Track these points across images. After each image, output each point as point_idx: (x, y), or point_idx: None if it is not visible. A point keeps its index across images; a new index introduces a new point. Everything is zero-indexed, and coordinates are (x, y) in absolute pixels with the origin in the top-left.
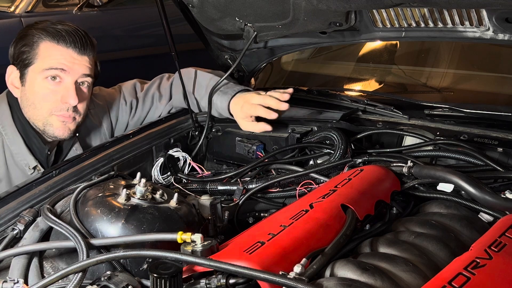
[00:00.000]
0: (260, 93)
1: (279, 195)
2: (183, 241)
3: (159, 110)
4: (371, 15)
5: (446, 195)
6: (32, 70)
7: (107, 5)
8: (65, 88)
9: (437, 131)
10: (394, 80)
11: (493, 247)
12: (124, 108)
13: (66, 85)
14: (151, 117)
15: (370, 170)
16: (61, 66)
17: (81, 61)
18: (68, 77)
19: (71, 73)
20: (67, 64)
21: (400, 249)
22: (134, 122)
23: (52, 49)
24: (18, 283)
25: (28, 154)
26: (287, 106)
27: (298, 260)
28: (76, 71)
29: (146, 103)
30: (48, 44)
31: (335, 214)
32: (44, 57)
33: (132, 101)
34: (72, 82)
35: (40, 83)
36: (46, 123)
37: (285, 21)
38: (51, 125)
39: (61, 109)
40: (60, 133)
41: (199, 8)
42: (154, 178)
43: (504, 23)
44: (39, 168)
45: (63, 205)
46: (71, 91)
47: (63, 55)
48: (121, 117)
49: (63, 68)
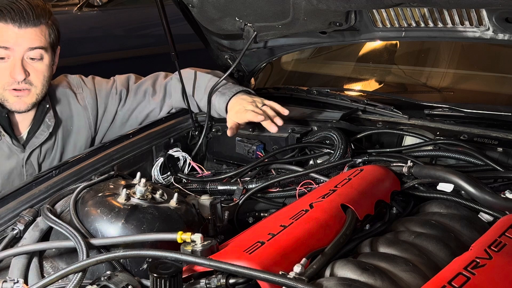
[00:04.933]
0: (258, 102)
1: (279, 195)
2: (183, 241)
3: (150, 106)
4: (371, 15)
5: (446, 195)
6: None
7: (107, 5)
8: (11, 64)
9: (437, 131)
10: (394, 80)
11: (493, 247)
12: (114, 97)
13: (12, 61)
14: (141, 112)
15: (370, 170)
16: (3, 44)
17: (25, 34)
18: (12, 54)
19: (15, 49)
20: (8, 41)
21: (400, 249)
22: (123, 113)
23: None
24: (18, 283)
25: None
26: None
27: (298, 260)
28: (21, 45)
29: (138, 96)
30: None
31: (335, 214)
32: None
33: (122, 91)
34: (19, 58)
35: None
36: (2, 99)
37: (285, 21)
38: (7, 101)
39: (12, 83)
40: (17, 106)
41: (199, 8)
42: (154, 178)
43: (504, 23)
44: (3, 133)
45: (63, 205)
46: (17, 67)
47: (4, 31)
48: (110, 105)
49: (6, 46)
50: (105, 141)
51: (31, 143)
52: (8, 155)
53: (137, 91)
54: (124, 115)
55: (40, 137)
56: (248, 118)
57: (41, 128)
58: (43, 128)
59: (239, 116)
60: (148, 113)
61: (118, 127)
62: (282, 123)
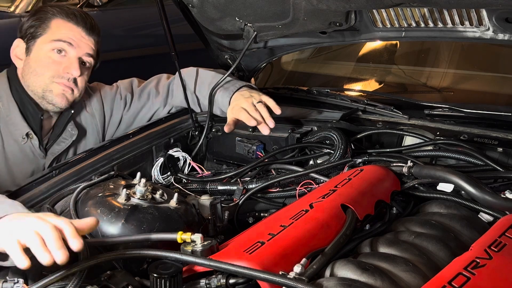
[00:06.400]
0: (254, 98)
1: (279, 195)
2: (183, 241)
3: (154, 107)
4: (371, 15)
5: (446, 195)
6: (40, 41)
7: (107, 5)
8: (68, 60)
9: (437, 131)
10: (394, 80)
11: (493, 247)
12: (119, 102)
13: (70, 58)
14: (146, 114)
15: (370, 170)
16: (69, 40)
17: (88, 41)
18: (73, 51)
19: (77, 49)
20: (74, 40)
21: (400, 249)
22: (128, 117)
23: (63, 25)
24: (18, 283)
25: (22, 120)
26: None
27: (298, 260)
28: (82, 48)
29: (142, 99)
30: (59, 21)
31: (335, 214)
32: (54, 31)
33: (127, 95)
34: (76, 57)
35: (46, 52)
36: (46, 89)
37: (285, 21)
38: (51, 91)
39: (63, 77)
40: (59, 100)
41: (199, 8)
42: (154, 178)
43: (504, 23)
44: (32, 135)
45: (63, 205)
46: (75, 63)
47: (73, 31)
48: (115, 111)
49: (71, 43)
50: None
51: (53, 150)
52: (31, 159)
53: (141, 94)
54: (130, 119)
55: (62, 144)
56: (241, 118)
57: (63, 135)
58: (65, 135)
59: (234, 112)
60: (153, 114)
61: (123, 131)
62: (273, 125)
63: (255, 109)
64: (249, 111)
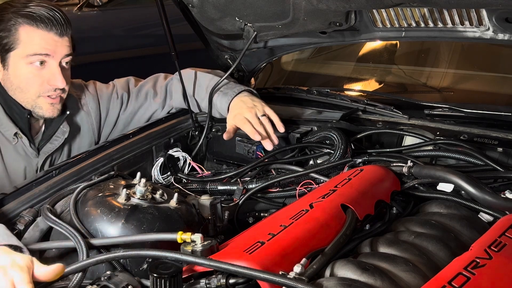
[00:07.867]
0: (258, 110)
1: (279, 195)
2: (183, 241)
3: (152, 108)
4: (371, 15)
5: (446, 195)
6: (15, 55)
7: (107, 5)
8: (50, 72)
9: (437, 131)
10: (394, 80)
11: (493, 247)
12: (115, 101)
13: (51, 69)
14: (144, 114)
15: (370, 170)
16: (45, 51)
17: (62, 43)
18: (52, 61)
19: (55, 57)
20: (50, 48)
21: (400, 249)
22: (126, 117)
23: (33, 34)
24: None
25: (8, 121)
26: (277, 141)
27: (298, 260)
28: (59, 53)
29: (139, 99)
30: (27, 29)
31: (335, 214)
32: (26, 43)
33: (123, 95)
34: (57, 65)
35: (24, 67)
36: (35, 105)
37: (285, 21)
38: (40, 108)
39: (48, 90)
40: (50, 112)
41: (199, 8)
42: (154, 178)
43: (504, 23)
44: (20, 135)
45: (63, 205)
46: (58, 75)
47: (45, 39)
48: (111, 110)
49: (47, 53)
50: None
51: (46, 149)
52: (24, 158)
53: (138, 94)
54: (127, 119)
55: (55, 143)
56: (245, 130)
57: (56, 133)
58: (58, 134)
59: (237, 121)
60: (151, 115)
61: (120, 131)
62: (277, 142)
63: (260, 122)
64: (253, 124)
